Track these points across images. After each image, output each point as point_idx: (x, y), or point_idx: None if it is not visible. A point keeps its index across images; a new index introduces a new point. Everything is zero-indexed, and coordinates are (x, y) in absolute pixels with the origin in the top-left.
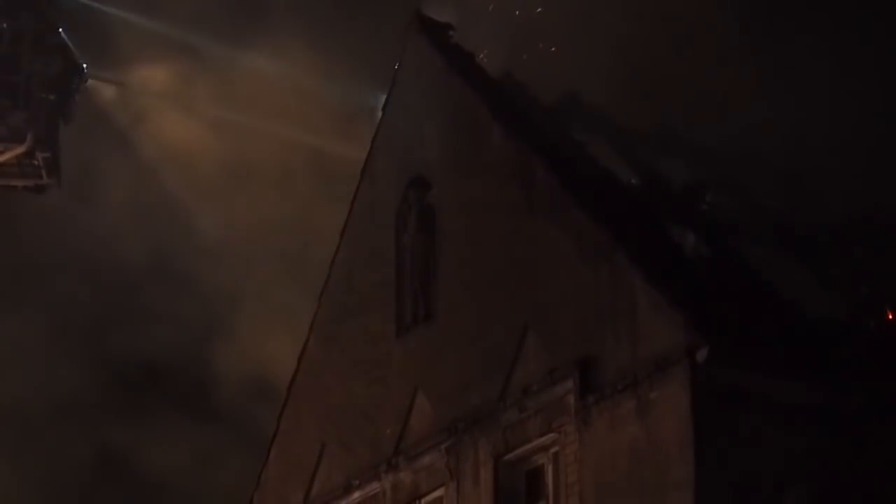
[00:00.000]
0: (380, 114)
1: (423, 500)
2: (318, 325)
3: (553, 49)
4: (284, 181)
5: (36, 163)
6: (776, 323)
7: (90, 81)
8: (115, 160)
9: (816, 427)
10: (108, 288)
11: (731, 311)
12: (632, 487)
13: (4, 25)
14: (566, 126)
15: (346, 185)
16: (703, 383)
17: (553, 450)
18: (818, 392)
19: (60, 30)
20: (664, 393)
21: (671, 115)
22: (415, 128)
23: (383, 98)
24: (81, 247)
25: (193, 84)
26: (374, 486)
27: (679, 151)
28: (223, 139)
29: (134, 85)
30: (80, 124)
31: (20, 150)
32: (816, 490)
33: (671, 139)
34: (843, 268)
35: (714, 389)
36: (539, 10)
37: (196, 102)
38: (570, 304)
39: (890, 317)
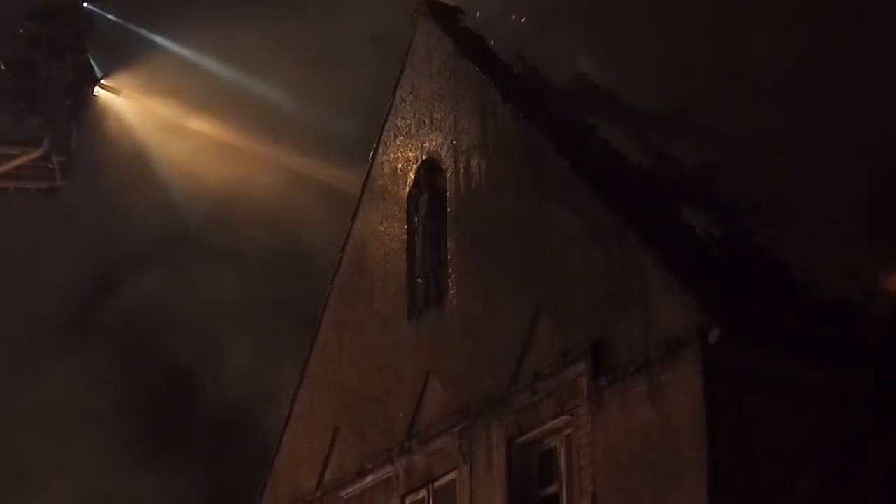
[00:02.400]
0: (390, 98)
1: (436, 484)
2: (329, 309)
3: (563, 31)
4: (292, 168)
5: (51, 166)
6: (788, 304)
7: (97, 88)
8: (119, 166)
9: (829, 408)
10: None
11: (743, 293)
12: (644, 469)
13: (21, 31)
14: (577, 108)
15: (357, 170)
16: (715, 365)
17: (566, 432)
18: (830, 373)
19: (83, 37)
20: (676, 375)
21: (682, 96)
22: (425, 112)
23: (394, 82)
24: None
25: (197, 95)
26: (387, 470)
27: (690, 133)
28: (227, 122)
29: (141, 95)
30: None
31: (36, 153)
32: (829, 471)
33: (682, 121)
34: (854, 249)
35: (726, 371)
36: None
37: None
38: (582, 287)
39: None
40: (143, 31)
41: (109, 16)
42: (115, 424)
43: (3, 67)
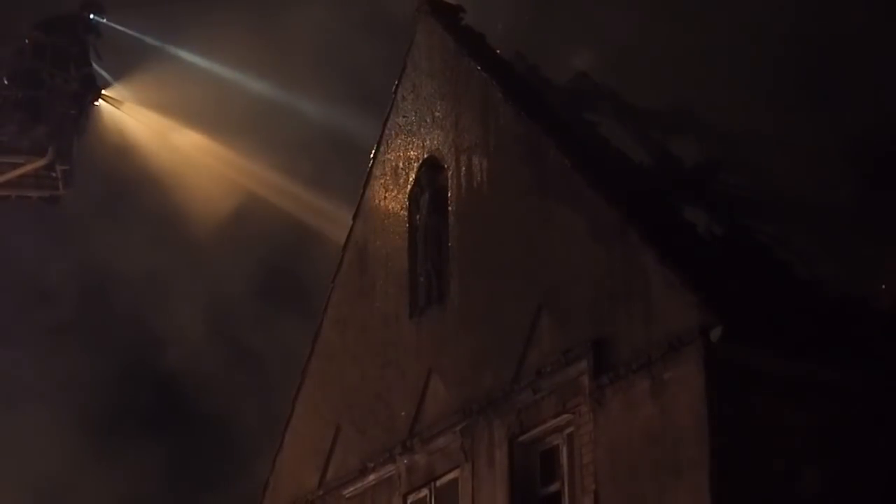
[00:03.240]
0: (391, 96)
1: (438, 482)
2: (331, 307)
3: (564, 29)
4: (295, 164)
5: (53, 175)
6: (790, 301)
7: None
8: (119, 174)
9: (831, 405)
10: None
11: (745, 291)
12: (646, 467)
13: (26, 41)
14: (578, 106)
15: (359, 166)
16: (716, 363)
17: (567, 430)
18: (832, 370)
19: (87, 47)
20: (678, 373)
21: (683, 94)
22: (426, 110)
23: (395, 81)
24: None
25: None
26: (388, 469)
27: (691, 130)
28: (229, 130)
29: (144, 104)
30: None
31: (41, 162)
32: (832, 468)
33: (683, 118)
34: (856, 246)
35: (728, 369)
36: None
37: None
38: (584, 285)
39: None
40: (147, 41)
41: (114, 25)
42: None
43: (6, 82)
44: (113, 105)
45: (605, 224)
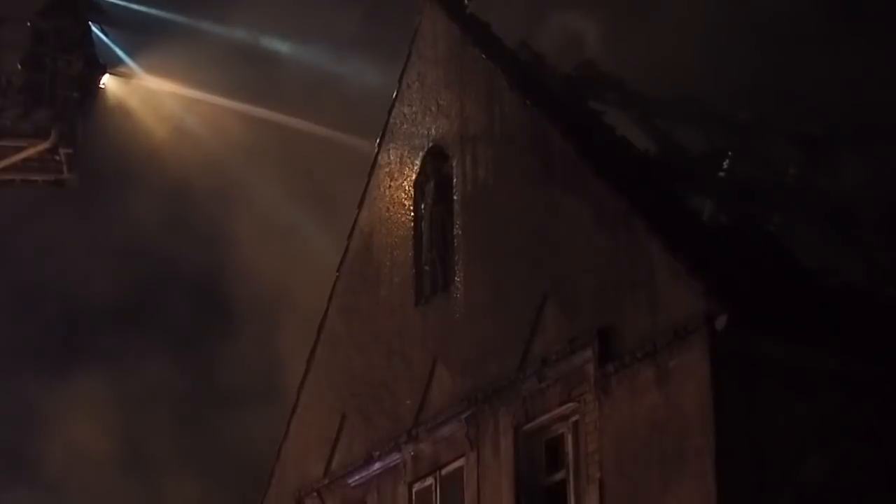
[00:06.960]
0: (396, 85)
1: (443, 471)
2: (336, 296)
3: (569, 17)
4: (300, 158)
5: (58, 158)
6: (795, 290)
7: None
8: (129, 154)
9: (836, 394)
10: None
11: (750, 279)
12: (651, 456)
13: (28, 24)
14: (583, 95)
15: (364, 158)
16: (722, 351)
17: (573, 419)
18: (838, 359)
19: (92, 28)
20: (683, 361)
21: (688, 82)
22: (431, 99)
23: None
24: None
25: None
26: (394, 458)
27: (697, 119)
28: (236, 117)
29: (151, 79)
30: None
31: (43, 146)
32: (837, 457)
33: (689, 106)
34: (862, 234)
35: (733, 357)
36: None
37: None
38: (589, 273)
39: None
40: (152, 13)
41: (118, 2)
42: None
43: (19, 66)
44: (120, 83)
45: (611, 212)
